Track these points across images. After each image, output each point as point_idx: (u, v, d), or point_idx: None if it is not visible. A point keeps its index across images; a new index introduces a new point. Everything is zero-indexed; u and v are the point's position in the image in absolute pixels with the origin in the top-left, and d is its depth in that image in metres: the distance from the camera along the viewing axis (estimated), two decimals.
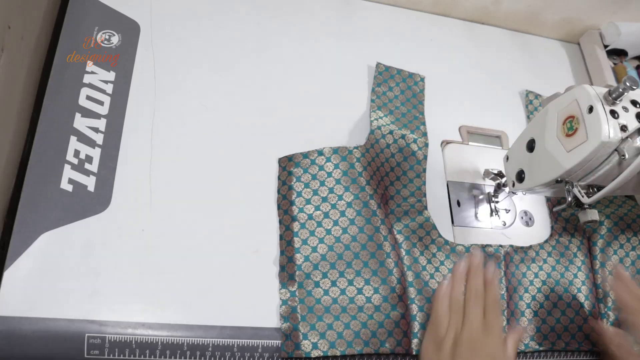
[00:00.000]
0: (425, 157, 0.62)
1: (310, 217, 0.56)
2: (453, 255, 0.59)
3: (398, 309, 0.54)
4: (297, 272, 0.53)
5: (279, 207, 0.56)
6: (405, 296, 0.55)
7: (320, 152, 0.59)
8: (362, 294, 0.54)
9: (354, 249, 0.55)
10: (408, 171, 0.61)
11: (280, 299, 0.52)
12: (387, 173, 0.61)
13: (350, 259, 0.55)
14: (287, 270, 0.53)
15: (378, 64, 0.68)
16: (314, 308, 0.52)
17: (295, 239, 0.55)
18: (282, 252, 0.54)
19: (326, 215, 0.56)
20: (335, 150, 0.59)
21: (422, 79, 0.70)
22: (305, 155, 0.58)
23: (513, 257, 0.61)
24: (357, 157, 0.60)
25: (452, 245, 0.60)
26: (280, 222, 0.56)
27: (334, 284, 0.53)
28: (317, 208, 0.56)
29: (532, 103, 0.74)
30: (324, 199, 0.57)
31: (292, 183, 0.57)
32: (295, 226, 0.55)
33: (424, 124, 0.66)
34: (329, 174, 0.58)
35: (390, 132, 0.62)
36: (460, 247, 0.60)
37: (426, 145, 0.63)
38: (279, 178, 0.58)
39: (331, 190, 0.57)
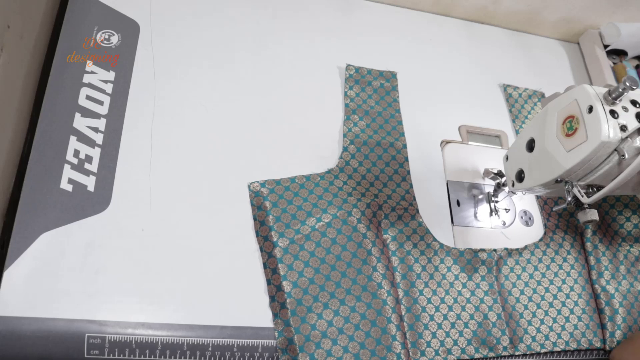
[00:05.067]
0: (407, 159, 0.64)
1: (292, 241, 0.54)
2: (447, 260, 0.59)
3: (393, 321, 0.54)
4: (287, 300, 0.51)
5: (257, 234, 0.54)
6: (399, 307, 0.55)
7: (292, 180, 0.58)
8: (356, 312, 0.53)
9: (339, 268, 0.55)
10: (393, 175, 0.62)
11: (275, 330, 0.51)
12: (372, 183, 0.61)
13: (337, 278, 0.54)
14: (278, 300, 0.52)
15: (348, 66, 0.68)
16: (311, 335, 0.51)
17: (280, 265, 0.53)
18: (269, 281, 0.53)
19: (307, 237, 0.55)
20: (308, 178, 0.59)
21: (394, 75, 0.69)
22: (278, 182, 0.57)
23: (507, 260, 0.61)
24: (330, 180, 0.59)
25: (447, 249, 0.60)
26: (261, 249, 0.54)
27: (326, 306, 0.52)
28: (297, 232, 0.55)
29: (512, 96, 0.74)
30: (303, 222, 0.56)
31: (269, 209, 0.55)
32: (278, 252, 0.53)
33: (400, 122, 0.66)
34: (305, 199, 0.57)
35: (365, 143, 0.63)
36: (455, 251, 0.60)
37: (404, 146, 0.64)
38: (252, 203, 0.56)
39: (309, 214, 0.56)
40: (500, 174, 0.64)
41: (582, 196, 0.49)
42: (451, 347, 0.55)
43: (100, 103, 0.56)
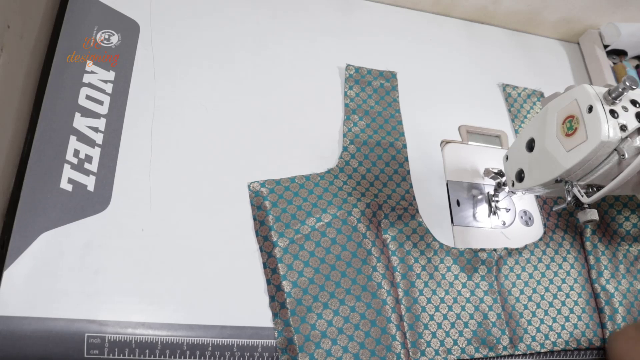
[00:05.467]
0: (407, 159, 0.64)
1: (292, 241, 0.54)
2: (447, 260, 0.59)
3: (393, 321, 0.54)
4: (287, 300, 0.51)
5: (257, 234, 0.54)
6: (399, 306, 0.55)
7: (292, 180, 0.58)
8: (355, 312, 0.53)
9: (339, 267, 0.55)
10: (393, 175, 0.62)
11: (275, 330, 0.51)
12: (372, 182, 0.61)
13: (337, 278, 0.54)
14: (278, 299, 0.52)
15: (348, 66, 0.68)
16: (311, 335, 0.51)
17: (280, 265, 0.53)
18: (268, 281, 0.53)
19: (307, 237, 0.55)
20: (308, 178, 0.58)
21: (394, 75, 0.69)
22: (278, 182, 0.57)
23: (507, 260, 0.61)
24: (330, 180, 0.59)
25: (446, 248, 0.60)
26: (260, 249, 0.54)
27: (326, 306, 0.52)
28: (297, 231, 0.55)
29: (511, 95, 0.74)
30: (302, 222, 0.56)
31: (269, 209, 0.55)
32: (278, 252, 0.53)
33: (400, 122, 0.66)
34: (305, 199, 0.57)
35: (365, 143, 0.63)
36: (454, 251, 0.60)
37: (404, 146, 0.64)
38: (252, 203, 0.56)
39: (309, 214, 0.56)
40: (500, 174, 0.63)
41: (582, 196, 0.49)
42: (451, 346, 0.55)
43: (100, 103, 0.56)
